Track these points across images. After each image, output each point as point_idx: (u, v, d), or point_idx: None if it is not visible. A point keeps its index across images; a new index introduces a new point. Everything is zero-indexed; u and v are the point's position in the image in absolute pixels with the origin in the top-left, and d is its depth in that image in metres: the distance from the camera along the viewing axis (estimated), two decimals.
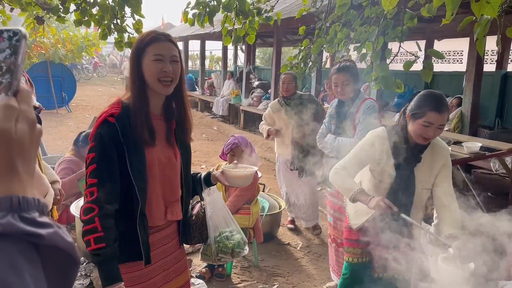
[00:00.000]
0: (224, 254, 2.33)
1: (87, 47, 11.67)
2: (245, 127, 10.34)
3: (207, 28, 5.64)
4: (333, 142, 3.12)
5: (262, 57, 22.82)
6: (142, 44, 1.60)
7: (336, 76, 3.06)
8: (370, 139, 2.33)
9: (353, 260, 2.52)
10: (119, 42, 4.88)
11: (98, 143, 1.53)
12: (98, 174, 1.51)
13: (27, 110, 0.53)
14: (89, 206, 1.49)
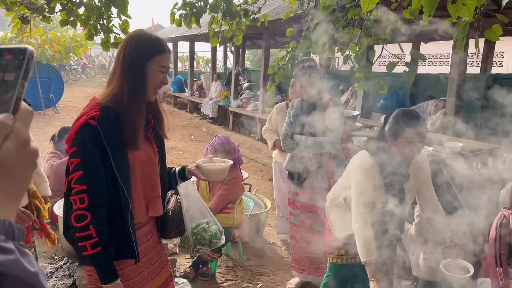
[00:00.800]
0: (202, 245, 2.40)
1: (75, 48, 11.59)
2: (234, 129, 10.36)
3: (195, 29, 5.64)
4: (306, 142, 3.09)
5: (252, 59, 22.87)
6: (152, 51, 1.59)
7: (302, 77, 3.10)
8: (366, 175, 2.26)
9: (337, 261, 2.54)
10: (106, 42, 4.86)
11: (81, 147, 1.50)
12: (86, 180, 1.50)
13: (21, 129, 0.52)
14: (81, 213, 1.50)
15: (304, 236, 3.24)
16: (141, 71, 1.58)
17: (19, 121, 0.52)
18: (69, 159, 1.52)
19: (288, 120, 3.28)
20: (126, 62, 1.58)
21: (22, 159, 0.52)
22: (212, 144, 3.49)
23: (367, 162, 2.27)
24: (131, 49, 1.59)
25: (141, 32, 1.65)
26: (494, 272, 2.71)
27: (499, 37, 2.48)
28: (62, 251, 3.32)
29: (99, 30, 4.81)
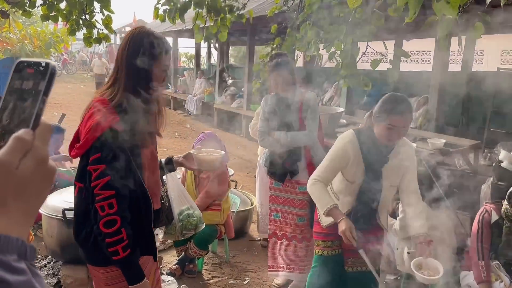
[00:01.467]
0: (188, 230, 2.52)
1: (56, 44, 11.38)
2: (218, 126, 10.33)
3: (179, 24, 5.60)
4: (286, 137, 3.06)
5: (236, 55, 22.80)
6: (157, 50, 1.59)
7: (276, 73, 3.08)
8: (342, 145, 2.38)
9: (322, 253, 2.57)
10: (88, 38, 4.79)
11: (106, 153, 1.49)
12: (114, 186, 1.49)
13: (40, 147, 0.51)
14: (111, 218, 1.50)
15: (286, 232, 3.26)
16: (148, 71, 1.58)
17: (38, 138, 0.51)
18: (92, 166, 1.50)
19: (263, 116, 3.24)
20: (132, 62, 1.56)
21: (39, 176, 0.51)
22: (199, 141, 3.47)
23: (348, 136, 2.39)
24: (136, 48, 1.57)
25: (144, 30, 1.63)
26: (477, 265, 2.77)
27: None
28: (45, 249, 3.27)
29: (81, 25, 4.73)
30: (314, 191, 2.39)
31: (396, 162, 2.34)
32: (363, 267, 2.45)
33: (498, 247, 2.80)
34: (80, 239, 1.63)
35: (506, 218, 2.75)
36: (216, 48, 12.46)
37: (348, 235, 2.19)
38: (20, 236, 0.48)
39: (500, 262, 2.82)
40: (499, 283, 2.74)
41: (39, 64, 0.54)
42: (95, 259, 1.65)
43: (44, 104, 0.52)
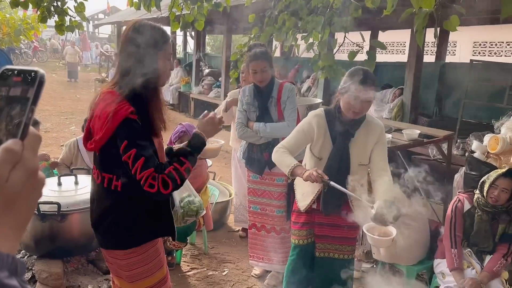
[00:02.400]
0: (190, 216, 2.71)
1: (26, 31, 10.99)
2: (195, 115, 10.23)
3: (154, 12, 5.49)
4: (266, 129, 3.06)
5: (213, 44, 22.58)
6: (161, 40, 1.67)
7: (254, 63, 3.06)
8: (309, 119, 2.48)
9: (299, 242, 2.61)
10: (60, 25, 4.64)
11: (132, 138, 1.56)
12: (150, 163, 1.57)
13: (30, 158, 0.49)
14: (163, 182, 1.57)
15: (265, 223, 3.27)
16: (155, 61, 1.64)
17: (27, 148, 0.49)
18: (125, 155, 1.56)
19: (241, 107, 3.23)
20: (139, 54, 1.62)
21: (29, 189, 0.49)
22: (177, 132, 3.43)
23: (317, 111, 2.49)
24: (142, 40, 1.62)
25: (145, 22, 1.70)
26: (449, 253, 2.86)
27: None
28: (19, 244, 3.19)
29: (53, 12, 4.57)
30: (277, 157, 2.46)
31: (362, 139, 2.38)
32: (331, 253, 2.53)
33: (470, 235, 2.89)
34: (102, 227, 1.70)
35: (478, 207, 2.84)
36: (193, 37, 12.29)
37: (316, 173, 2.20)
38: (10, 252, 0.47)
39: (472, 250, 2.91)
40: (470, 270, 2.83)
41: (27, 72, 0.52)
42: (118, 243, 1.72)
43: (32, 114, 0.50)
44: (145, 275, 1.75)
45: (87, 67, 21.16)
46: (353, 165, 2.38)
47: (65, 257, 3.16)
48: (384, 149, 2.42)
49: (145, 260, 1.74)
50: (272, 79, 3.12)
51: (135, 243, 1.72)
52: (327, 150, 2.42)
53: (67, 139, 5.45)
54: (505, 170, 2.81)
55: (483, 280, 2.72)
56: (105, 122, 1.56)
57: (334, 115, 2.40)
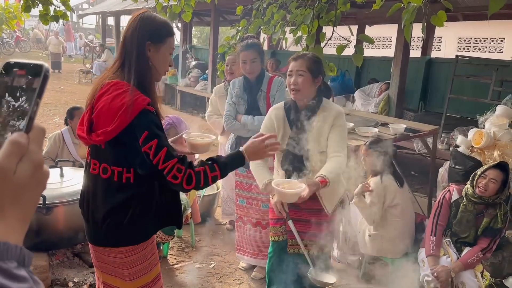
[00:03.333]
0: None
1: (8, 20, 10.74)
2: (182, 108, 10.18)
3: (141, 3, 5.41)
4: (253, 121, 3.06)
5: (199, 36, 22.40)
6: (165, 33, 1.67)
7: (244, 53, 3.06)
8: (268, 113, 2.51)
9: (275, 239, 2.61)
10: (45, 15, 4.55)
11: (152, 129, 1.54)
12: (172, 153, 1.55)
13: (35, 151, 0.50)
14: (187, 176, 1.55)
15: (252, 217, 3.28)
16: (155, 53, 1.65)
17: (32, 141, 0.50)
18: (145, 146, 1.53)
19: (230, 100, 3.22)
20: (144, 46, 1.62)
21: (35, 181, 0.50)
22: (163, 125, 3.41)
23: (277, 105, 2.53)
24: (146, 33, 1.63)
25: (150, 14, 1.68)
26: (428, 240, 2.91)
27: None
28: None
29: (37, 1, 4.48)
30: (253, 168, 2.48)
31: (319, 126, 2.36)
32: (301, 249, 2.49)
33: (453, 224, 2.95)
34: (107, 224, 1.65)
35: (465, 196, 2.89)
36: (179, 29, 12.18)
37: (280, 208, 2.29)
38: (18, 243, 0.48)
39: (453, 240, 2.97)
40: (446, 258, 2.88)
41: (32, 66, 0.52)
42: (119, 240, 1.68)
43: (37, 107, 0.51)
44: (143, 272, 1.73)
45: (71, 57, 20.81)
46: (312, 152, 2.36)
47: (51, 250, 3.13)
48: (340, 132, 2.36)
49: (145, 257, 1.72)
50: (262, 72, 3.11)
51: (141, 239, 1.70)
52: (287, 140, 2.43)
53: (51, 131, 5.37)
54: (497, 162, 2.88)
55: (454, 269, 2.76)
56: (120, 113, 1.51)
57: (292, 105, 2.42)
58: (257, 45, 3.10)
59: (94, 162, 1.67)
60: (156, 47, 1.65)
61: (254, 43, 3.10)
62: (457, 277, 2.78)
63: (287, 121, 2.42)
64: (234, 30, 5.84)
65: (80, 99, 10.49)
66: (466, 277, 2.77)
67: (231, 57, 3.84)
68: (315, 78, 2.34)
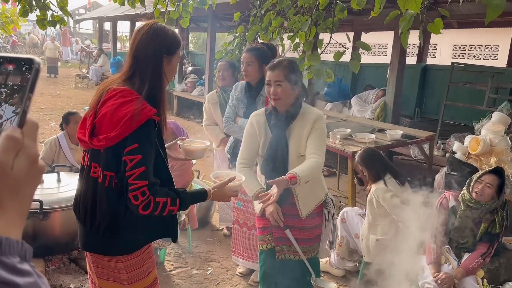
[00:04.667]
0: None
1: (4, 24, 10.72)
2: (178, 113, 10.17)
3: (138, 8, 5.43)
4: None
5: (196, 42, 22.45)
6: (176, 45, 1.71)
7: (244, 55, 3.15)
8: (249, 120, 2.51)
9: (263, 247, 2.59)
10: (42, 20, 4.54)
11: (144, 144, 1.55)
12: (147, 176, 1.55)
13: (31, 145, 0.50)
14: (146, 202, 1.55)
15: (247, 220, 3.29)
16: (168, 65, 1.69)
17: (27, 136, 0.50)
18: (128, 156, 1.54)
19: (231, 102, 3.27)
20: (158, 56, 1.65)
21: (32, 176, 0.50)
22: None
23: (258, 111, 2.54)
24: (162, 46, 1.66)
25: (161, 26, 1.71)
26: (429, 248, 2.92)
27: None
28: None
29: (35, 6, 4.48)
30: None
31: (298, 130, 2.37)
32: (286, 255, 2.51)
33: (451, 231, 2.96)
34: (107, 231, 1.64)
35: (462, 202, 2.90)
36: None
37: (276, 217, 2.29)
38: (18, 238, 0.48)
39: (452, 246, 2.98)
40: (447, 266, 2.89)
41: (23, 60, 0.52)
42: (119, 249, 1.68)
43: (30, 101, 0.51)
44: (142, 276, 1.74)
45: (67, 62, 20.78)
46: (292, 156, 2.36)
47: (47, 256, 3.11)
48: (318, 135, 2.35)
49: (143, 261, 1.73)
50: (263, 77, 3.14)
51: (138, 246, 1.71)
52: (267, 145, 2.43)
53: (47, 136, 5.35)
54: (493, 167, 2.89)
55: (456, 276, 2.77)
56: (125, 120, 1.52)
57: (272, 112, 2.42)
58: (257, 49, 3.14)
59: (94, 165, 1.67)
60: (169, 59, 1.69)
61: (254, 48, 3.17)
62: (459, 284, 2.78)
63: (268, 126, 2.43)
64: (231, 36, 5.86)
65: (77, 104, 10.46)
66: (468, 283, 2.77)
67: (222, 63, 3.87)
68: (294, 85, 2.34)
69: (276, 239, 2.50)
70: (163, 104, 1.70)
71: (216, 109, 3.74)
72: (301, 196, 2.40)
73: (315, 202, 2.46)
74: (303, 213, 2.42)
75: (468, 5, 4.08)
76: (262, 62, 3.12)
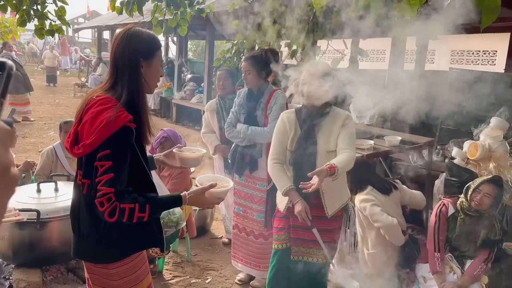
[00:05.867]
0: (169, 227, 2.66)
1: (3, 34, 10.77)
2: (177, 121, 10.17)
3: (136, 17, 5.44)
4: (246, 131, 3.14)
5: (195, 49, 22.52)
6: (155, 47, 1.69)
7: (242, 64, 3.19)
8: (280, 117, 2.61)
9: (278, 247, 2.61)
10: (40, 29, 4.56)
11: (116, 151, 1.53)
12: (115, 183, 1.52)
13: (1, 153, 0.47)
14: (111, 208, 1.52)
15: (246, 226, 3.29)
16: (148, 68, 1.66)
17: None
18: (99, 162, 1.53)
19: (233, 109, 3.31)
20: (134, 61, 1.63)
21: (3, 186, 0.47)
22: (158, 138, 3.40)
23: (289, 109, 2.64)
24: (137, 51, 1.63)
25: (138, 29, 1.69)
26: (432, 257, 2.90)
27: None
28: None
29: (33, 16, 4.49)
30: (273, 173, 2.53)
31: (328, 126, 2.46)
32: (305, 257, 2.53)
33: (452, 239, 2.94)
34: (91, 238, 1.64)
35: (461, 210, 2.89)
36: (175, 42, 12.24)
37: (304, 216, 2.32)
38: None
39: (454, 254, 2.96)
40: (452, 275, 2.87)
41: None
42: (108, 257, 1.67)
43: (2, 107, 0.48)
44: (134, 283, 1.73)
45: (66, 71, 20.81)
46: (321, 152, 2.43)
47: (44, 266, 3.08)
48: (349, 133, 2.45)
49: (134, 268, 1.72)
50: (265, 84, 3.16)
51: (125, 254, 1.69)
52: (296, 141, 2.50)
53: (45, 145, 5.34)
54: (490, 177, 2.88)
55: (463, 284, 2.77)
56: (100, 128, 1.51)
57: (303, 109, 2.53)
58: (254, 58, 3.16)
59: (80, 173, 1.68)
60: (148, 63, 1.66)
61: (252, 56, 3.19)
62: None
63: (297, 123, 2.52)
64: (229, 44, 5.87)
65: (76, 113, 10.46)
66: None
67: (222, 72, 3.86)
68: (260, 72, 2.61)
69: (294, 239, 2.54)
70: (144, 109, 1.67)
71: (213, 116, 3.80)
72: (327, 194, 2.45)
73: (340, 203, 2.53)
74: (329, 211, 2.47)
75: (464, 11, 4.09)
76: (260, 69, 3.13)
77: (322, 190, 2.42)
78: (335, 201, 2.50)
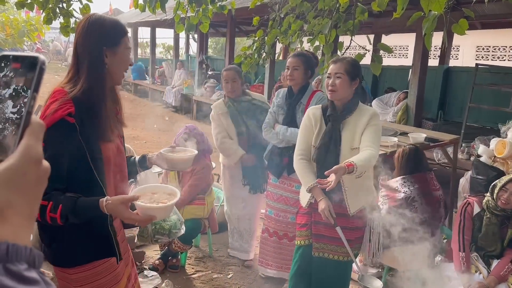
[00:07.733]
0: (161, 235, 2.50)
1: (29, 32, 11.02)
2: (198, 118, 10.24)
3: (159, 14, 5.49)
4: (286, 132, 3.04)
5: (215, 47, 22.62)
6: (118, 34, 1.55)
7: (290, 60, 3.10)
8: (306, 113, 2.59)
9: (300, 243, 2.60)
10: (65, 27, 4.63)
11: (51, 145, 1.34)
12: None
13: (33, 146, 0.49)
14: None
15: (279, 229, 3.24)
16: (113, 57, 1.53)
17: (31, 137, 0.49)
18: None
19: (271, 109, 3.23)
20: (95, 50, 1.50)
21: (37, 178, 0.49)
22: (180, 134, 3.43)
23: (314, 106, 2.63)
24: (96, 36, 1.51)
25: (98, 17, 1.55)
26: (457, 257, 2.84)
27: None
28: None
29: (58, 14, 4.58)
30: (298, 169, 2.52)
31: (354, 123, 2.42)
32: (326, 253, 2.50)
33: (478, 238, 2.88)
34: (47, 241, 1.56)
35: (487, 209, 2.83)
36: (195, 39, 12.31)
37: (327, 214, 2.30)
38: (26, 243, 0.46)
39: (479, 254, 2.90)
40: (478, 275, 2.81)
41: (28, 58, 0.50)
42: (65, 261, 1.57)
43: (35, 101, 0.49)
44: None
45: None
46: (345, 148, 2.40)
47: None
48: (374, 130, 2.39)
49: (97, 276, 1.59)
50: (306, 85, 3.09)
51: (79, 261, 1.57)
52: (321, 136, 2.49)
53: None
54: None
55: (490, 284, 2.71)
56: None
57: (329, 105, 2.50)
58: (304, 55, 3.10)
59: None
60: (112, 51, 1.53)
61: (302, 53, 3.12)
62: None
63: (323, 119, 2.51)
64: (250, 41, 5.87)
65: None
66: None
67: (229, 72, 3.45)
68: (352, 81, 2.41)
69: (315, 235, 2.52)
70: (103, 103, 1.52)
71: (227, 119, 3.46)
72: (350, 191, 2.40)
73: (363, 202, 2.47)
74: (351, 210, 2.42)
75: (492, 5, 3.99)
76: (307, 67, 3.07)
77: (345, 187, 2.39)
78: (358, 200, 2.45)
